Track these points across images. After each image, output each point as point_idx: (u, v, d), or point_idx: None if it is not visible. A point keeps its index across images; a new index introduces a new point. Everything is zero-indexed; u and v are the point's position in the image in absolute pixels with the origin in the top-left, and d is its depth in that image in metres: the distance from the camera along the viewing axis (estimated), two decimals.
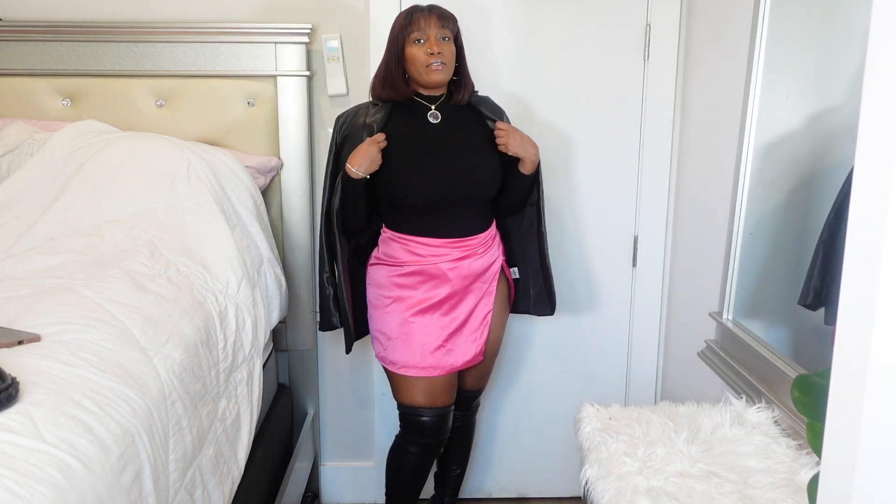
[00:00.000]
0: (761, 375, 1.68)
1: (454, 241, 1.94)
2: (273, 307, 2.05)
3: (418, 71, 1.89)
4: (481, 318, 2.01)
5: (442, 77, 1.90)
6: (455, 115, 1.98)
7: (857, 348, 0.58)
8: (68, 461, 0.95)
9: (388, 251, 1.98)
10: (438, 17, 1.88)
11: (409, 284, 1.96)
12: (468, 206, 1.95)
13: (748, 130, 1.79)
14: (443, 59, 1.87)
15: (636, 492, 1.27)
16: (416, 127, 1.95)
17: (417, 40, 1.87)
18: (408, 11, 1.90)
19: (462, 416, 2.19)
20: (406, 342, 1.95)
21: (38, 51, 2.21)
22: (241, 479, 1.60)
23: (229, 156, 2.12)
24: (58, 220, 1.80)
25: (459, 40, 1.94)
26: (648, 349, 2.53)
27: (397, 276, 1.96)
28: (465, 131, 1.97)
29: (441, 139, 1.94)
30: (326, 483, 2.60)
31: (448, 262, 1.94)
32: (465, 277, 1.96)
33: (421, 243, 1.94)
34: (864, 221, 0.58)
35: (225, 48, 2.22)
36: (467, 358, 2.00)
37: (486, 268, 2.00)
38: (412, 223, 1.94)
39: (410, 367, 1.96)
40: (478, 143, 1.96)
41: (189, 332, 1.45)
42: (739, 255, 1.85)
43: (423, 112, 1.96)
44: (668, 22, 2.32)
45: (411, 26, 1.87)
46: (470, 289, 1.98)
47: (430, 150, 1.93)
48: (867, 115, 0.58)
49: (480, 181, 1.94)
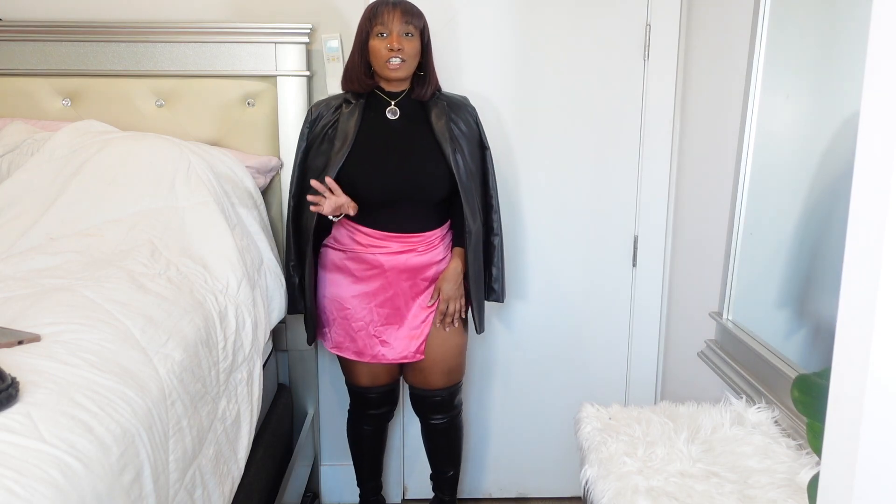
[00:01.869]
0: (761, 375, 1.68)
1: (395, 236, 1.97)
2: (273, 307, 2.05)
3: (378, 65, 1.90)
4: (423, 317, 2.02)
5: (400, 75, 1.90)
6: (415, 111, 1.99)
7: (857, 348, 0.58)
8: (68, 461, 0.95)
9: (336, 235, 2.03)
10: (403, 12, 1.88)
11: (348, 270, 2.01)
12: (415, 204, 1.97)
13: (748, 130, 1.79)
14: (402, 56, 1.87)
15: (636, 492, 1.27)
16: (373, 121, 1.96)
17: (380, 34, 1.88)
18: (374, 4, 1.91)
19: (445, 417, 2.19)
20: (341, 325, 2.04)
21: (38, 51, 2.21)
22: (241, 479, 1.60)
23: (229, 156, 2.12)
24: (58, 220, 1.80)
25: (426, 36, 1.94)
26: (648, 349, 2.53)
27: (340, 259, 2.02)
28: (420, 131, 1.97)
29: (395, 136, 1.95)
30: (326, 483, 2.60)
31: (386, 255, 1.97)
32: (400, 272, 1.98)
33: (363, 232, 1.98)
34: (864, 221, 0.58)
35: (225, 48, 2.22)
36: (403, 354, 2.03)
37: (426, 266, 2.00)
38: (360, 213, 1.96)
39: (344, 348, 2.06)
40: (431, 142, 1.95)
41: (189, 332, 1.45)
42: (739, 255, 1.85)
43: (383, 106, 1.97)
44: (668, 22, 2.32)
45: (375, 19, 1.88)
46: (407, 284, 2.00)
47: (383, 147, 1.94)
48: (867, 115, 0.58)
49: (426, 182, 1.95)
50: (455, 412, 2.21)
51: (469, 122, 2.03)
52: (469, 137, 2.02)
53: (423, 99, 1.98)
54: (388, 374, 2.14)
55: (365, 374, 2.12)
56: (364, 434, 2.25)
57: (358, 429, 2.25)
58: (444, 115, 1.97)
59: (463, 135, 2.00)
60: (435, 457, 2.27)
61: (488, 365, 2.55)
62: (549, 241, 2.46)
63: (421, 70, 1.96)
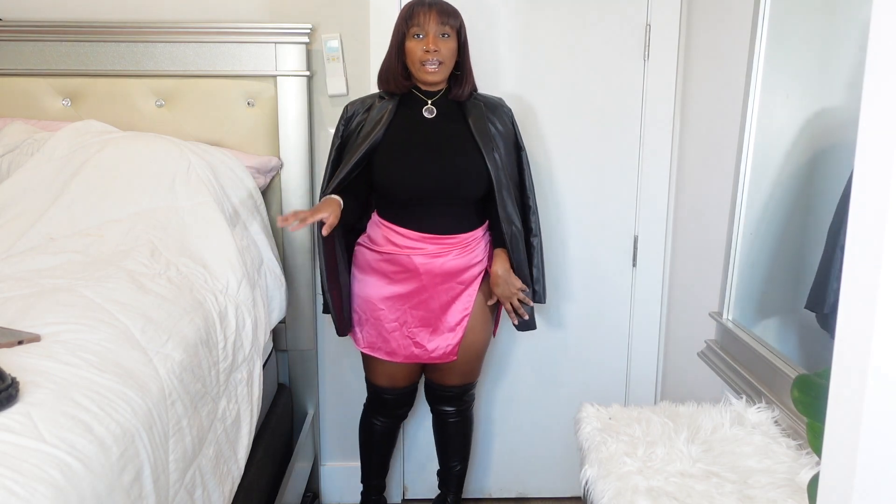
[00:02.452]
0: (761, 375, 1.68)
1: (431, 237, 1.96)
2: (273, 307, 2.05)
3: (415, 67, 1.90)
4: (458, 318, 2.01)
5: (436, 78, 1.91)
6: (452, 111, 1.99)
7: (857, 348, 0.58)
8: (68, 461, 0.95)
9: (371, 235, 2.02)
10: (439, 12, 1.87)
11: (382, 271, 1.99)
12: (452, 204, 1.96)
13: (748, 130, 1.79)
14: (439, 58, 1.88)
15: (636, 492, 1.27)
16: (411, 120, 1.96)
17: (416, 35, 1.87)
18: (411, 4, 1.91)
19: (457, 411, 2.21)
20: (373, 325, 2.02)
21: (38, 51, 2.20)
22: (241, 479, 1.60)
23: (229, 156, 2.12)
24: (58, 220, 1.80)
25: (463, 35, 1.94)
26: (648, 349, 2.53)
27: (374, 261, 2.00)
28: (457, 129, 1.97)
29: (432, 135, 1.95)
30: (326, 483, 2.60)
31: (421, 257, 1.96)
32: (435, 275, 1.97)
33: (399, 233, 1.97)
34: (864, 221, 0.58)
35: (225, 48, 2.22)
36: (436, 355, 2.02)
37: (463, 269, 1.99)
38: (396, 213, 1.97)
39: (376, 349, 2.04)
40: (468, 140, 1.95)
41: (189, 332, 1.45)
42: (739, 255, 1.85)
43: (420, 105, 1.97)
44: (668, 22, 2.32)
45: (412, 20, 1.88)
46: (442, 287, 1.98)
47: (420, 146, 1.94)
48: (867, 115, 0.58)
49: (462, 181, 1.95)
50: (466, 405, 2.24)
51: (505, 122, 2.04)
52: (505, 137, 2.02)
53: (461, 99, 1.99)
54: (407, 378, 2.13)
55: (385, 374, 2.10)
56: (376, 430, 2.24)
57: (371, 424, 2.24)
58: (481, 114, 1.98)
59: (500, 134, 2.00)
60: (443, 449, 2.28)
61: (488, 365, 2.54)
62: (549, 241, 2.45)
63: (457, 69, 1.96)
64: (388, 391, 2.14)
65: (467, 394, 2.22)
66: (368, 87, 2.31)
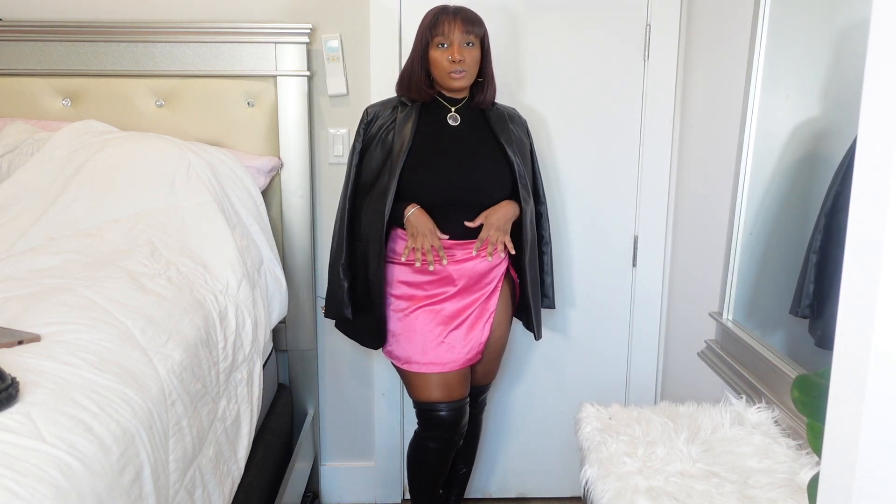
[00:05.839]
0: (761, 375, 1.68)
1: (459, 243, 1.95)
2: (273, 307, 2.05)
3: (440, 76, 1.90)
4: (485, 318, 2.01)
5: (462, 84, 1.92)
6: (475, 118, 1.99)
7: (857, 348, 0.58)
8: (68, 461, 0.95)
9: (397, 249, 1.99)
10: (463, 21, 1.87)
11: (415, 283, 1.97)
12: (478, 207, 1.96)
13: (748, 130, 1.79)
14: (464, 67, 1.87)
15: (636, 492, 1.27)
16: (435, 127, 1.96)
17: (441, 44, 1.87)
18: (434, 13, 1.90)
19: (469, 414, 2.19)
20: (408, 338, 1.97)
21: (38, 51, 2.21)
22: (241, 479, 1.60)
23: (229, 156, 2.12)
24: (58, 220, 1.80)
25: (486, 43, 1.94)
26: (648, 349, 2.53)
27: (404, 275, 1.98)
28: (481, 136, 1.97)
29: (456, 142, 1.95)
30: (326, 483, 2.60)
31: (452, 264, 1.95)
32: (469, 277, 1.97)
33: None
34: (864, 221, 0.58)
35: (225, 48, 2.22)
36: (469, 356, 2.00)
37: (490, 269, 2.00)
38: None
39: (413, 362, 1.98)
40: (493, 145, 1.97)
41: (189, 332, 1.45)
42: (739, 255, 1.85)
43: (444, 112, 1.97)
44: (668, 22, 2.32)
45: (436, 29, 1.87)
46: (473, 289, 1.98)
47: (444, 153, 1.94)
48: (867, 115, 0.58)
49: (487, 187, 1.95)
50: (479, 409, 2.24)
51: (522, 132, 2.06)
52: (521, 146, 2.03)
53: (483, 107, 1.99)
54: (460, 385, 2.01)
55: (438, 386, 1.98)
56: (429, 460, 2.07)
57: (423, 454, 2.08)
58: (504, 122, 2.00)
59: (519, 142, 2.02)
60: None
61: None
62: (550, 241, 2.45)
63: (480, 76, 1.96)
64: (442, 406, 1.99)
65: (482, 396, 2.22)
66: (368, 87, 2.32)
